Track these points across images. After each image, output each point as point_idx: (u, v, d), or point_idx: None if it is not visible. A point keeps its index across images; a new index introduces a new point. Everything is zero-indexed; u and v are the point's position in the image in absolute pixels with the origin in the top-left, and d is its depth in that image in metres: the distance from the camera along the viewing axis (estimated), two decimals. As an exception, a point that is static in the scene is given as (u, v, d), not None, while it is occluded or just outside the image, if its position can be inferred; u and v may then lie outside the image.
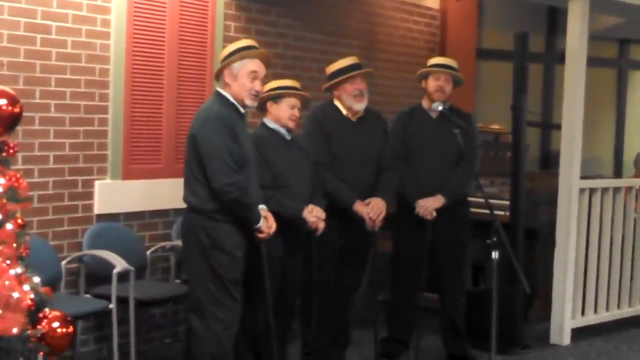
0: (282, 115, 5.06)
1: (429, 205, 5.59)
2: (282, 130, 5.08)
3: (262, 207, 4.69)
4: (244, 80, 4.61)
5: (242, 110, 4.66)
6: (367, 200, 5.37)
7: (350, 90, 5.42)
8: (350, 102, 5.44)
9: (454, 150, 5.59)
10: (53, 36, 5.25)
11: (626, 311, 7.02)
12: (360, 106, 5.45)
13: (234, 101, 4.62)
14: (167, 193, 5.79)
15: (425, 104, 5.82)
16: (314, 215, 5.03)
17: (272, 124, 5.09)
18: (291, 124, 5.08)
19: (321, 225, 5.06)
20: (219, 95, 4.67)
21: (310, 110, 5.56)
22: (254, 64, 4.64)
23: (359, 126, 5.49)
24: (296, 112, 5.09)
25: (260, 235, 4.64)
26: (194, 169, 4.55)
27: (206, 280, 4.55)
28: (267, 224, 4.64)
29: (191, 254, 4.63)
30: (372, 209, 5.34)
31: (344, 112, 5.48)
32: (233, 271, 4.57)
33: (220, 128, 4.49)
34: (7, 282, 3.63)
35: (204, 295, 4.56)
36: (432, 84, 5.73)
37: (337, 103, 5.50)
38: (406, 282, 5.76)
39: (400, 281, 5.81)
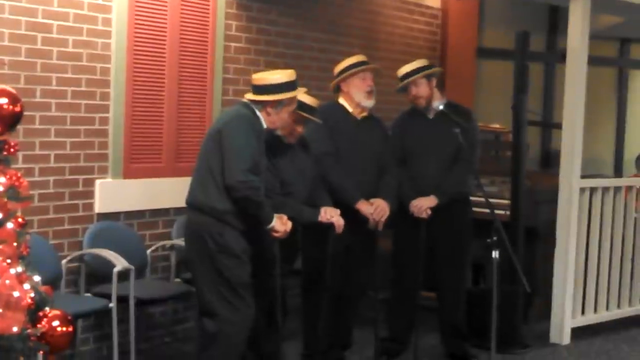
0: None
1: (422, 205, 5.59)
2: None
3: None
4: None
5: (265, 125, 4.70)
6: (371, 200, 5.36)
7: (363, 87, 5.44)
8: (360, 97, 5.45)
9: (453, 149, 5.59)
10: (54, 35, 5.25)
11: (626, 310, 7.01)
12: (370, 103, 5.48)
13: (259, 114, 4.67)
14: (167, 192, 5.79)
15: None
16: (330, 215, 5.02)
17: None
18: (291, 139, 5.06)
19: (341, 222, 5.04)
20: (247, 106, 4.69)
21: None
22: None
23: (363, 125, 5.50)
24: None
25: (276, 235, 4.64)
26: (213, 162, 4.52)
27: (216, 284, 4.55)
28: (282, 221, 4.64)
29: (197, 257, 4.62)
30: (376, 210, 5.33)
31: (350, 109, 5.49)
32: (242, 274, 4.59)
33: (250, 129, 4.56)
34: (7, 281, 3.63)
35: (215, 299, 4.57)
36: (409, 95, 5.76)
37: (342, 101, 5.52)
38: (405, 281, 5.76)
39: (400, 280, 5.81)
